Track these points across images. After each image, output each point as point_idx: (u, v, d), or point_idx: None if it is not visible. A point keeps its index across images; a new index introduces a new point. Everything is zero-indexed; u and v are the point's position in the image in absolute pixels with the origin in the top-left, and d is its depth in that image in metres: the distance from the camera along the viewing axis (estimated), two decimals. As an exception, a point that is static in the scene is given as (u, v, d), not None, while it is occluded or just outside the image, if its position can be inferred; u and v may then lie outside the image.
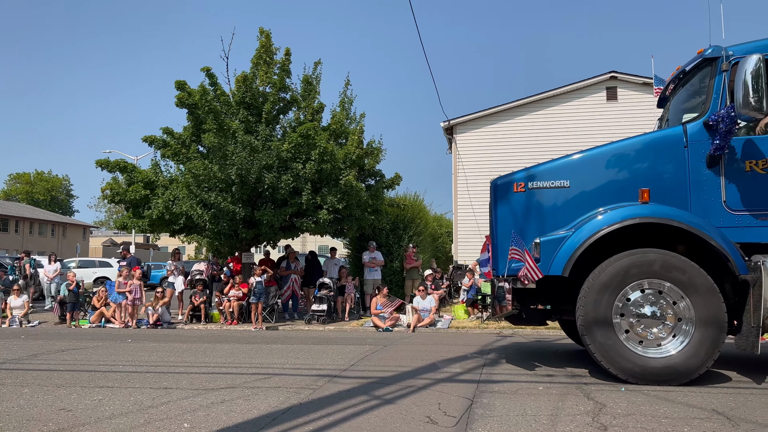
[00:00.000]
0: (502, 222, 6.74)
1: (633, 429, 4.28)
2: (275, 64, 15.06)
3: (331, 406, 5.06)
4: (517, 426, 4.39)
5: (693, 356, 5.77)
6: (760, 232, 6.06)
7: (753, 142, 6.11)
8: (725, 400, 5.17)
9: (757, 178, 6.07)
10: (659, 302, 5.93)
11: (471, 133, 21.43)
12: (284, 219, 13.93)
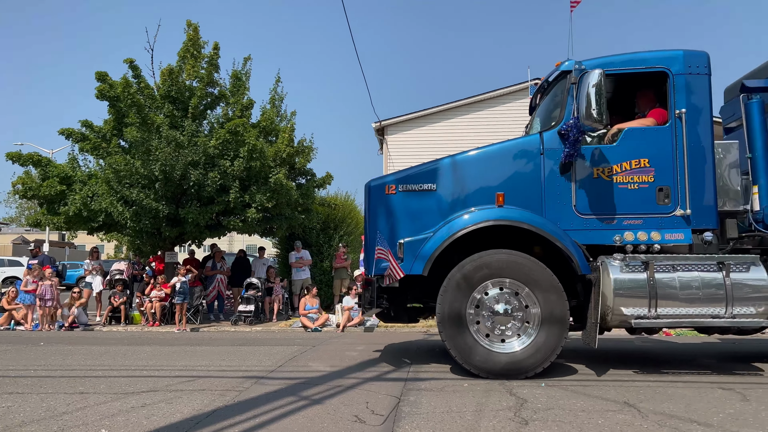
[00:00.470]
0: (374, 223, 6.89)
1: (552, 423, 4.46)
2: (203, 58, 14.68)
3: (257, 407, 4.99)
4: (442, 423, 4.49)
5: (537, 351, 6.14)
6: (605, 235, 6.48)
7: (600, 151, 6.56)
8: (636, 393, 5.47)
9: (603, 184, 6.51)
10: (510, 300, 6.27)
11: (402, 135, 21.64)
12: (210, 217, 13.60)
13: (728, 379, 6.22)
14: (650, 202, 6.48)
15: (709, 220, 6.51)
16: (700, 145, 6.51)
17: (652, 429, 4.28)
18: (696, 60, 6.64)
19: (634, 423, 4.44)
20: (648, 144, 6.54)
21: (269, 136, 15.71)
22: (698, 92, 6.58)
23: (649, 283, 6.13)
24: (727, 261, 6.19)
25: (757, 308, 6.08)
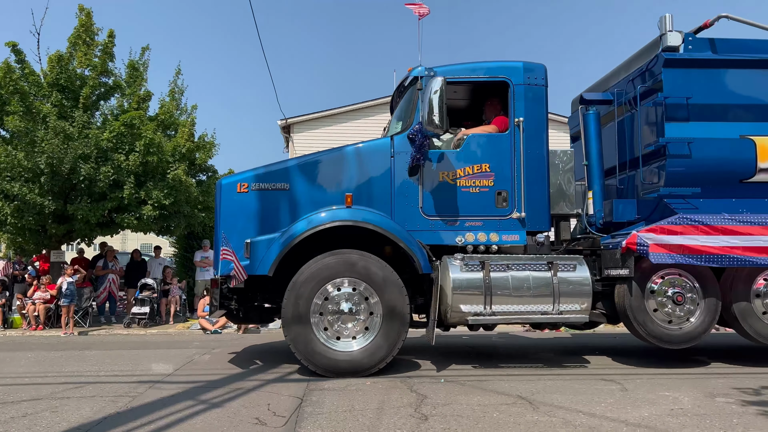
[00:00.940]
0: (225, 222, 6.79)
1: (450, 417, 4.62)
2: (96, 45, 13.86)
3: (152, 413, 4.78)
4: (344, 421, 4.51)
5: (379, 349, 6.27)
6: (449, 235, 6.78)
7: (446, 156, 6.86)
8: (529, 386, 5.77)
9: (448, 187, 6.80)
10: (353, 299, 6.35)
11: (308, 133, 21.48)
12: (102, 214, 12.87)
13: (610, 371, 6.70)
14: (490, 205, 6.80)
15: (542, 223, 6.92)
16: (535, 152, 6.89)
17: (542, 420, 4.54)
18: (535, 72, 7.02)
19: (526, 415, 4.68)
20: (489, 150, 6.87)
21: (168, 130, 15.09)
22: (536, 102, 6.96)
23: (484, 282, 6.41)
24: (555, 261, 6.61)
25: (580, 304, 6.52)
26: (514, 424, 4.43)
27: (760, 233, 6.53)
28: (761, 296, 6.81)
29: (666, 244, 6.45)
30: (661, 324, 6.68)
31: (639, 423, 4.45)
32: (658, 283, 6.73)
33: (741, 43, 7.12)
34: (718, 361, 7.44)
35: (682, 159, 6.78)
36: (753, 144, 6.81)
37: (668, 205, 6.83)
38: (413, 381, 6.06)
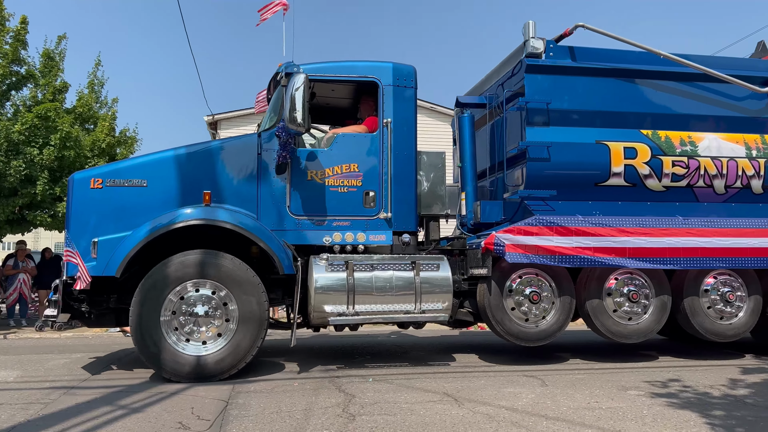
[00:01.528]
0: (77, 220, 6.39)
1: (378, 416, 4.65)
2: (7, 32, 13.03)
3: (66, 420, 4.55)
4: (271, 423, 4.46)
5: (233, 352, 6.06)
6: (317, 235, 6.78)
7: (315, 154, 6.87)
8: (454, 383, 5.90)
9: (316, 187, 6.80)
10: (208, 302, 6.11)
11: (236, 130, 20.96)
12: (12, 211, 12.12)
13: (531, 367, 6.94)
14: (358, 205, 6.84)
15: (409, 223, 7.02)
16: (403, 153, 6.99)
17: (467, 416, 4.65)
18: (404, 73, 7.11)
19: (451, 411, 4.79)
20: (358, 150, 6.92)
21: (86, 124, 14.40)
22: (405, 103, 7.06)
23: (348, 282, 6.43)
24: (418, 261, 6.72)
25: (442, 303, 6.66)
26: (440, 421, 4.52)
27: (609, 234, 6.84)
28: (612, 294, 7.11)
29: (522, 244, 6.67)
30: (518, 322, 6.91)
31: (558, 417, 4.64)
32: (516, 283, 6.97)
33: (598, 51, 7.45)
34: (627, 355, 7.86)
35: (541, 162, 6.99)
36: (608, 149, 7.11)
37: (528, 206, 7.02)
38: (342, 381, 6.06)
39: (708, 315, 7.26)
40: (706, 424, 4.39)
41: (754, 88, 7.47)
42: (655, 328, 7.15)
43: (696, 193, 7.40)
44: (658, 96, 7.44)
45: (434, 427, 4.36)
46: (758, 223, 7.25)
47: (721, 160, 7.34)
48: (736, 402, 5.13)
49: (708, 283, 7.31)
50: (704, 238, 6.98)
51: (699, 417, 4.59)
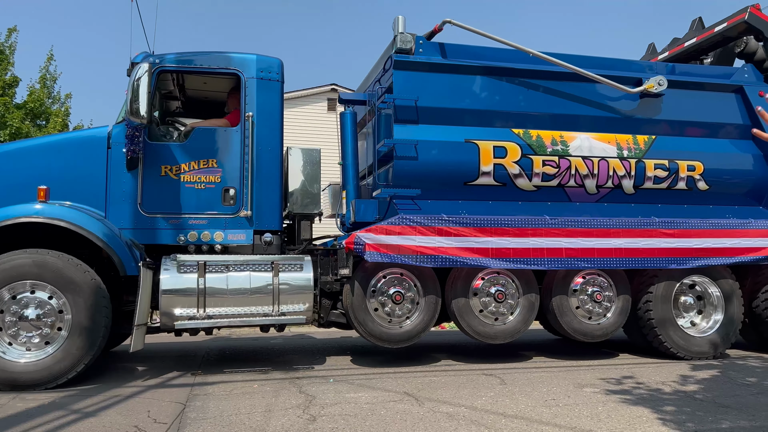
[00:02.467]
0: None
1: (339, 416, 4.65)
2: (-47, 22, 12.54)
3: (16, 426, 4.39)
4: (230, 426, 4.40)
5: (64, 358, 5.69)
6: (171, 234, 6.51)
7: (170, 149, 6.59)
8: (415, 383, 5.93)
9: (171, 183, 6.52)
10: (40, 305, 5.74)
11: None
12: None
13: (490, 366, 7.03)
14: (216, 202, 6.61)
15: (272, 222, 6.82)
16: (267, 149, 6.79)
17: (427, 415, 4.68)
18: (269, 66, 6.92)
19: (412, 411, 4.81)
20: (217, 144, 6.69)
21: (38, 120, 13.96)
22: (269, 97, 6.86)
23: (198, 284, 6.21)
24: (279, 261, 6.55)
25: (303, 305, 6.53)
26: (401, 420, 4.54)
27: (472, 234, 6.74)
28: (478, 294, 7.01)
29: (384, 244, 6.53)
30: (381, 323, 6.78)
31: (516, 414, 4.72)
32: (381, 283, 6.84)
33: (470, 49, 7.37)
34: (586, 353, 8.04)
35: (408, 161, 6.85)
36: (477, 148, 7.01)
37: (396, 205, 6.89)
38: (302, 382, 6.03)
39: (576, 315, 7.19)
40: (657, 420, 4.53)
41: (623, 88, 7.47)
42: (522, 328, 7.06)
43: (568, 193, 7.38)
44: (531, 95, 7.38)
45: (395, 426, 4.38)
46: (626, 223, 7.20)
47: (592, 160, 7.33)
48: (686, 397, 5.30)
49: (577, 283, 7.26)
50: (569, 239, 6.95)
51: (651, 412, 4.73)
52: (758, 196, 7.98)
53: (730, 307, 7.48)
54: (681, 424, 4.40)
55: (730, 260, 7.36)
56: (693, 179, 7.65)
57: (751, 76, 8.23)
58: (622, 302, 7.31)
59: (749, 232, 7.45)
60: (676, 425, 4.38)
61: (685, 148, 7.71)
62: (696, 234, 7.30)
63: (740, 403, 5.06)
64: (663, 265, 7.20)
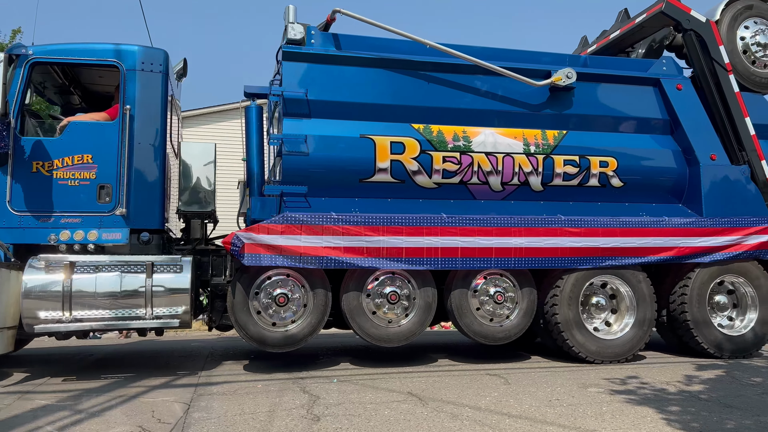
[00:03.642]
0: None
1: (343, 416, 4.65)
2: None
3: (22, 426, 4.42)
4: (234, 426, 4.41)
5: None
6: (42, 233, 6.24)
7: (42, 144, 6.34)
8: (419, 383, 5.93)
9: (42, 179, 6.26)
10: None
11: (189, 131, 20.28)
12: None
13: (494, 366, 7.01)
14: (91, 200, 6.36)
15: (151, 220, 6.58)
16: (147, 144, 6.57)
17: (431, 415, 4.68)
18: (151, 58, 6.71)
19: (416, 411, 4.81)
20: (93, 139, 6.43)
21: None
22: (150, 90, 6.64)
23: (64, 286, 5.97)
24: (156, 262, 6.31)
25: (179, 308, 6.27)
26: (405, 420, 4.53)
27: (363, 233, 6.44)
28: (371, 296, 6.70)
29: (264, 244, 6.22)
30: (264, 326, 6.49)
31: (520, 415, 4.71)
32: (266, 284, 6.53)
33: (366, 40, 7.11)
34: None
35: (298, 156, 6.56)
36: (372, 143, 6.72)
37: (285, 203, 6.61)
38: (306, 382, 6.03)
39: (477, 316, 6.86)
40: (662, 420, 4.51)
41: (528, 81, 7.16)
42: (417, 330, 6.74)
43: (471, 191, 7.07)
44: (432, 88, 7.09)
45: (399, 426, 4.38)
46: (528, 222, 6.86)
47: (496, 156, 7.01)
48: (690, 397, 5.28)
49: (478, 284, 6.92)
50: (466, 238, 6.63)
51: (656, 412, 4.72)
52: (678, 193, 7.68)
53: (643, 308, 7.13)
54: (686, 425, 4.38)
55: (638, 260, 7.07)
56: (606, 176, 7.34)
57: (670, 69, 7.98)
58: (527, 303, 6.98)
59: (661, 231, 7.15)
60: (681, 425, 4.36)
61: (598, 143, 7.41)
62: (604, 233, 6.99)
63: (745, 403, 5.04)
64: (567, 265, 6.91)
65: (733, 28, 8.10)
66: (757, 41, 8.19)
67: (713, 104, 7.86)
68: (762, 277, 7.57)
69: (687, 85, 7.89)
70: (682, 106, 7.73)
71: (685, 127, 7.64)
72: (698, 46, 7.88)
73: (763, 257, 7.52)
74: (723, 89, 7.81)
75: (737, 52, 8.08)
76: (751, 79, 8.11)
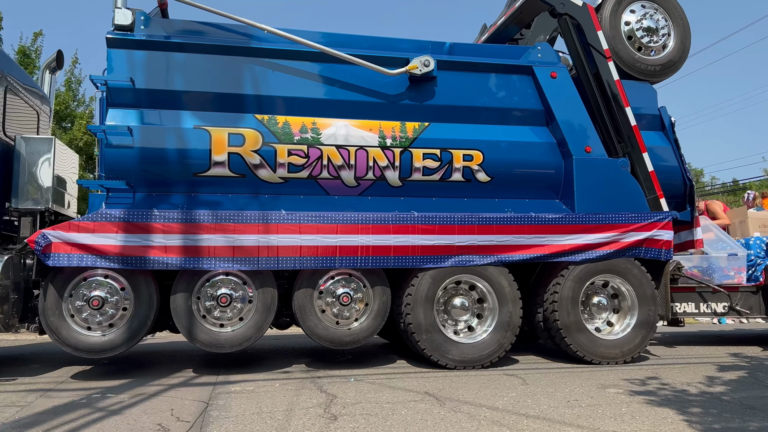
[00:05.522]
0: None
1: (360, 416, 4.65)
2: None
3: (44, 423, 4.48)
4: (252, 424, 4.43)
5: None
6: None
7: None
8: (435, 383, 5.91)
9: None
10: None
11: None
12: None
13: (512, 365, 6.97)
14: None
15: None
16: None
17: (448, 415, 4.67)
18: None
19: (433, 411, 4.80)
20: None
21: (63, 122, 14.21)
22: None
23: None
24: None
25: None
26: (422, 420, 4.53)
27: (189, 231, 6.03)
28: (202, 298, 6.28)
29: (75, 243, 5.79)
30: (79, 330, 6.05)
31: (538, 415, 4.68)
32: (81, 285, 6.09)
33: (204, 26, 6.69)
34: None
35: (121, 149, 6.14)
36: (208, 135, 6.32)
37: (109, 199, 6.22)
38: (323, 381, 6.04)
39: (322, 319, 6.45)
40: (683, 421, 4.45)
41: (381, 69, 6.69)
42: (254, 334, 6.32)
43: (323, 186, 6.66)
44: (278, 77, 6.66)
45: (416, 426, 4.37)
46: (378, 218, 6.42)
47: (348, 149, 6.58)
48: (712, 399, 5.21)
49: (324, 284, 6.51)
50: (307, 236, 6.21)
51: (676, 414, 4.66)
52: (554, 189, 7.21)
53: (505, 310, 6.67)
54: (707, 426, 4.32)
55: (497, 258, 6.62)
56: (471, 170, 6.87)
57: (547, 56, 7.46)
58: (378, 305, 6.54)
59: (525, 228, 6.69)
60: (703, 427, 4.30)
61: (462, 135, 6.95)
62: (461, 230, 6.53)
63: (768, 405, 4.96)
64: (420, 264, 6.48)
65: (617, 12, 7.58)
66: (642, 26, 7.70)
67: (590, 93, 7.38)
68: (642, 277, 7.06)
69: (563, 73, 7.34)
70: (556, 95, 7.21)
71: (557, 117, 7.14)
72: (574, 32, 7.44)
73: (644, 256, 7.06)
74: (602, 77, 7.34)
75: (621, 38, 7.58)
76: (636, 66, 7.62)
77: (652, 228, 7.02)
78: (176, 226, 6.03)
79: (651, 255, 7.08)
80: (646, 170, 7.25)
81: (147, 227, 5.97)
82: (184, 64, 6.46)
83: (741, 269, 8.23)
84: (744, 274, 8.22)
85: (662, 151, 7.62)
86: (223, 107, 6.53)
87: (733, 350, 8.17)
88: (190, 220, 6.07)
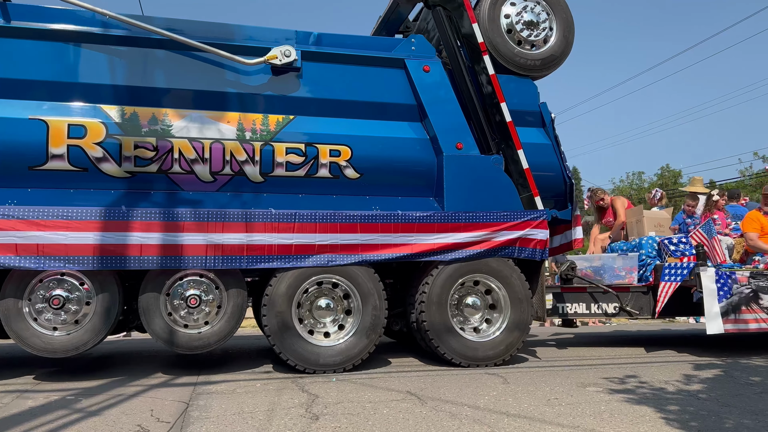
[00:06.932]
0: None
1: (341, 415, 4.65)
2: None
3: (19, 425, 4.41)
4: (233, 425, 4.41)
5: None
6: None
7: None
8: (417, 383, 5.93)
9: None
10: None
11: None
12: None
13: (494, 365, 7.02)
14: None
15: None
16: None
17: (430, 414, 4.68)
18: None
19: (414, 410, 4.81)
20: None
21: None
22: None
23: None
24: None
25: None
26: (403, 419, 4.53)
27: (17, 228, 5.63)
28: (33, 300, 5.88)
29: None
30: None
31: (519, 414, 4.71)
32: None
33: (46, 11, 6.31)
34: (589, 352, 8.03)
35: None
36: (45, 126, 5.95)
37: None
38: (305, 381, 6.03)
39: (168, 322, 6.13)
40: (660, 419, 4.52)
41: (237, 59, 6.45)
42: (91, 338, 5.99)
43: (175, 181, 6.32)
44: (127, 66, 6.33)
45: (398, 425, 4.38)
46: (223, 216, 6.11)
47: (202, 142, 6.28)
48: (689, 397, 5.29)
49: (172, 285, 6.19)
50: (143, 233, 5.87)
51: (654, 412, 4.72)
52: (429, 187, 6.99)
53: (367, 311, 6.45)
54: (684, 424, 4.39)
55: (359, 258, 6.38)
56: (338, 166, 6.64)
57: (421, 49, 7.19)
58: (232, 307, 6.27)
59: (389, 227, 6.44)
60: (680, 424, 4.37)
61: (329, 130, 6.70)
62: (322, 228, 6.28)
63: (744, 402, 5.04)
64: (274, 264, 6.22)
65: (496, 4, 7.32)
66: (523, 19, 7.44)
67: (463, 88, 7.12)
68: (514, 277, 6.84)
69: (436, 67, 7.11)
70: (428, 89, 6.99)
71: (429, 112, 6.92)
72: (447, 24, 7.15)
73: (518, 255, 6.87)
74: (476, 72, 7.14)
75: (500, 31, 7.31)
76: (516, 60, 7.34)
77: (525, 227, 6.81)
78: (5, 222, 5.62)
79: (525, 255, 6.87)
80: (521, 167, 7.00)
81: None
82: (16, 50, 6.07)
83: (632, 269, 8.13)
84: (635, 274, 8.13)
85: (542, 149, 7.39)
86: (64, 97, 6.15)
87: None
88: (20, 216, 5.66)
